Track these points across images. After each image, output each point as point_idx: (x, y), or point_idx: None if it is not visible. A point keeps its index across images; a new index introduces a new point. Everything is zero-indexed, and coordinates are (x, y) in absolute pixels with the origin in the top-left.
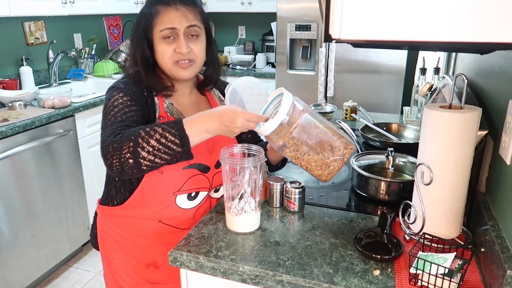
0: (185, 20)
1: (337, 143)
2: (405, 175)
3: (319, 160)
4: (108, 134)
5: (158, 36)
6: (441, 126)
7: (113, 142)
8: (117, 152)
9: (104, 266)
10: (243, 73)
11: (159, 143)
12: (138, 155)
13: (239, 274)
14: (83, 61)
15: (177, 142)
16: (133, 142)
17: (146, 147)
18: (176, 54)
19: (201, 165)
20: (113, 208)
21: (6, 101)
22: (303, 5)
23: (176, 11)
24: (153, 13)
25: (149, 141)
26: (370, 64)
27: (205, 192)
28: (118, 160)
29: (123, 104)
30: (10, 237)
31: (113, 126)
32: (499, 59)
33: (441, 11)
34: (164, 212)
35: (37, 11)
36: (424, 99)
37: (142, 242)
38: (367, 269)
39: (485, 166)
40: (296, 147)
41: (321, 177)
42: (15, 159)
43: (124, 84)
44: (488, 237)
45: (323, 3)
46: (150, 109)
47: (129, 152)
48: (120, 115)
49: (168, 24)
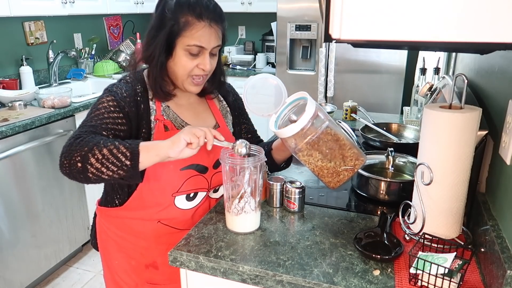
0: (214, 41)
1: (349, 153)
2: (405, 175)
3: (331, 168)
4: (73, 135)
5: (183, 48)
6: (441, 126)
7: (71, 144)
8: (71, 153)
9: (104, 266)
10: (243, 73)
11: (110, 153)
12: (87, 160)
13: (239, 274)
14: (83, 61)
15: (127, 155)
16: (88, 147)
17: (97, 155)
18: (198, 69)
19: (199, 165)
20: (112, 209)
21: (6, 101)
22: (303, 5)
23: (207, 28)
24: (183, 22)
25: (102, 150)
26: (370, 64)
27: (204, 192)
28: (68, 161)
29: (106, 109)
30: (10, 237)
31: (83, 128)
32: (499, 59)
33: (441, 11)
34: (163, 213)
35: (37, 11)
36: (424, 99)
37: (141, 243)
38: (367, 269)
39: (485, 166)
40: (310, 151)
41: (330, 183)
42: (15, 159)
43: (117, 88)
44: (488, 237)
45: (323, 3)
46: (143, 113)
47: (80, 155)
48: (95, 119)
49: (197, 42)
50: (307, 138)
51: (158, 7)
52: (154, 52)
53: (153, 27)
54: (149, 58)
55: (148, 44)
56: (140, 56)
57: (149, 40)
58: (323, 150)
